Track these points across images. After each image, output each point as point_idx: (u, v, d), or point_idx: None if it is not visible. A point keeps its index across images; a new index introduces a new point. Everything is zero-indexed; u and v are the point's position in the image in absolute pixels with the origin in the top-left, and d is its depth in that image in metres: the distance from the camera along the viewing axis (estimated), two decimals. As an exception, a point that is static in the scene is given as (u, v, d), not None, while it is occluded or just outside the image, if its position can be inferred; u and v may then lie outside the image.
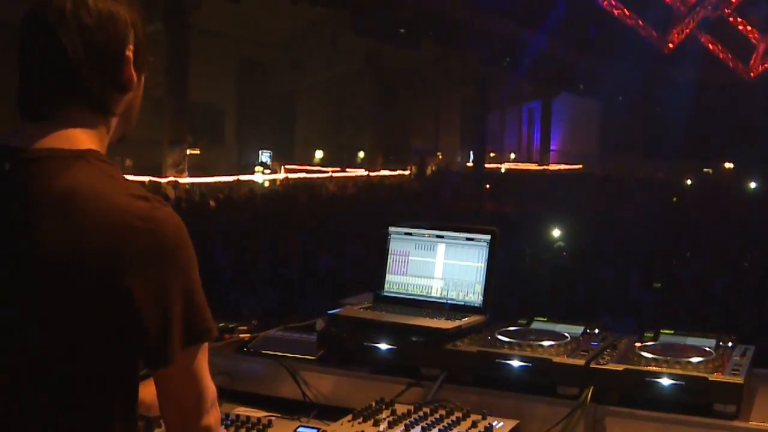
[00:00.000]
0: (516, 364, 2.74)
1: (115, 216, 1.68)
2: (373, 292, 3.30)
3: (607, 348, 2.83)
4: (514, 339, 2.87)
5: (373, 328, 2.99)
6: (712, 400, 2.49)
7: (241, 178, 27.76)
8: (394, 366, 2.93)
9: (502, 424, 2.51)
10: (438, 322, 2.95)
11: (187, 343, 1.76)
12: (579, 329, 3.03)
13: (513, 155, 52.90)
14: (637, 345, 2.82)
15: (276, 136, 36.58)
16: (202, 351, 1.83)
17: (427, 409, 2.60)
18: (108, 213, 1.68)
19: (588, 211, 21.73)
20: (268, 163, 34.01)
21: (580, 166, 46.82)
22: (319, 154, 38.78)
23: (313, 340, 3.13)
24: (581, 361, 2.67)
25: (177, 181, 23.28)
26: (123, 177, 1.79)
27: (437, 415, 2.57)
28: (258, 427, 2.64)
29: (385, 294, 3.26)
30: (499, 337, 2.89)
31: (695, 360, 2.63)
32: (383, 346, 2.95)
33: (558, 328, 3.05)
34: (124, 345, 1.72)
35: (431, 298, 3.19)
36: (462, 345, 2.86)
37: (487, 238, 3.15)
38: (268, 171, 32.02)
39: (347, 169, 35.59)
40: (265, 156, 35.04)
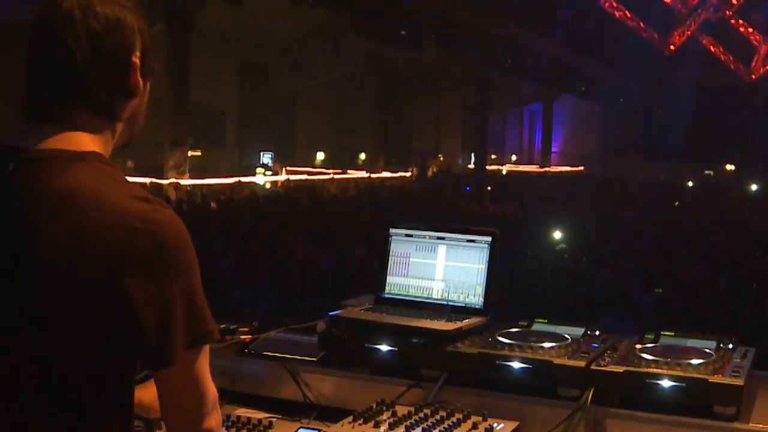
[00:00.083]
0: (517, 365, 2.74)
1: (116, 217, 1.69)
2: (373, 294, 3.30)
3: (608, 350, 2.83)
4: (514, 341, 2.87)
5: (374, 330, 3.00)
6: (713, 401, 2.50)
7: (243, 179, 27.76)
8: (394, 367, 2.93)
9: (503, 425, 2.51)
10: (439, 324, 2.95)
11: (188, 346, 1.77)
12: (579, 331, 3.03)
13: (514, 157, 52.89)
14: (638, 347, 2.82)
15: (277, 138, 36.58)
16: (203, 353, 1.83)
17: (427, 411, 2.61)
18: (109, 214, 1.69)
19: (589, 212, 21.73)
20: (270, 164, 34.00)
21: (582, 168, 46.82)
22: (320, 156, 38.77)
23: (314, 341, 3.14)
24: (582, 363, 2.67)
25: (178, 183, 23.30)
26: (125, 179, 1.80)
27: (438, 416, 2.57)
28: (259, 428, 2.64)
29: (385, 295, 3.26)
30: (500, 338, 2.90)
31: (696, 362, 2.63)
32: (384, 348, 2.95)
33: (559, 329, 3.05)
34: (123, 346, 1.72)
35: (432, 299, 3.19)
36: (463, 346, 2.86)
37: (488, 239, 3.15)
38: (269, 172, 32.02)
39: (348, 171, 35.58)
40: (266, 157, 35.04)
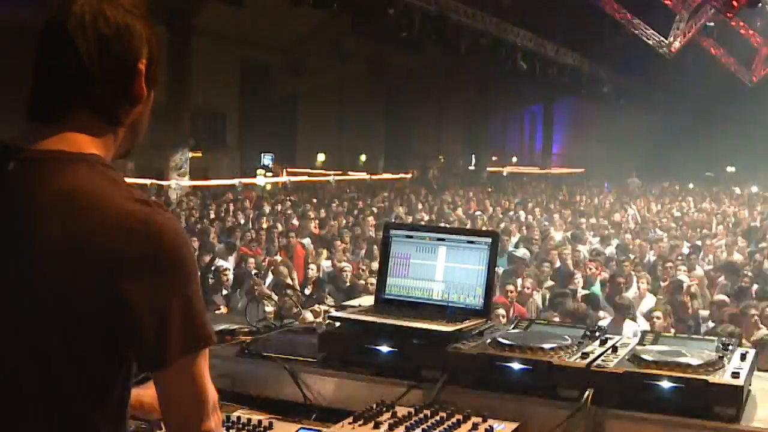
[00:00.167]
0: (517, 366, 2.75)
1: (115, 218, 1.70)
2: (374, 295, 3.31)
3: (608, 350, 2.83)
4: (514, 341, 2.87)
5: (375, 331, 3.00)
6: (713, 402, 2.50)
7: (243, 181, 27.77)
8: (395, 368, 2.94)
9: (503, 426, 2.52)
10: (439, 325, 2.96)
11: (185, 349, 1.77)
12: (580, 332, 3.04)
13: (515, 159, 52.87)
14: (638, 347, 2.83)
15: (278, 139, 36.57)
16: (201, 356, 1.83)
17: (427, 412, 2.61)
18: (108, 215, 1.70)
19: (589, 214, 21.75)
20: (270, 166, 34.01)
21: (582, 170, 46.80)
22: (320, 158, 38.77)
23: (314, 342, 3.14)
24: (582, 364, 2.68)
25: (179, 184, 23.30)
26: (124, 181, 1.80)
27: (438, 417, 2.57)
28: (259, 429, 2.64)
29: (386, 296, 3.26)
30: (500, 339, 2.90)
31: (696, 363, 2.63)
32: (384, 349, 2.96)
33: (559, 330, 3.06)
34: (120, 347, 1.73)
35: (432, 300, 3.20)
36: (463, 347, 2.87)
37: (488, 240, 3.15)
38: (270, 174, 32.02)
39: (349, 173, 35.57)
40: (267, 159, 35.04)
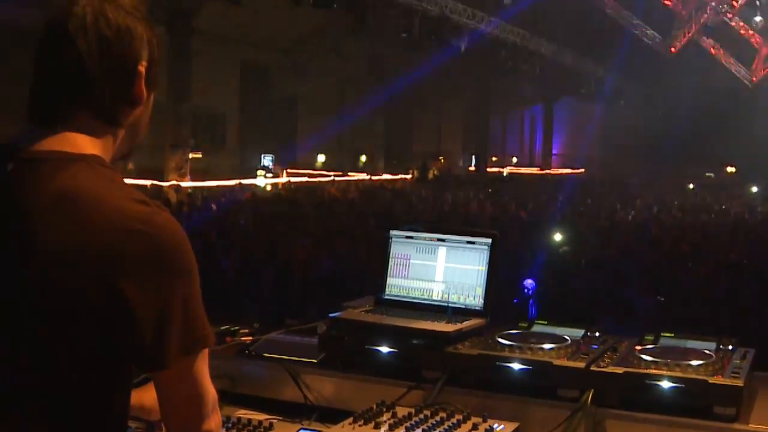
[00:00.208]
0: (517, 366, 2.75)
1: (114, 219, 1.70)
2: (374, 296, 3.31)
3: (608, 351, 2.84)
4: (514, 342, 2.87)
5: (375, 331, 3.01)
6: (712, 402, 2.50)
7: (244, 182, 27.79)
8: (395, 369, 2.94)
9: (503, 426, 2.52)
10: (439, 325, 2.96)
11: (184, 350, 1.77)
12: (579, 332, 3.04)
13: (515, 159, 52.91)
14: (638, 348, 2.83)
15: (278, 140, 36.60)
16: (201, 356, 1.83)
17: (428, 412, 2.61)
18: (107, 216, 1.70)
19: (590, 214, 21.73)
20: (271, 166, 34.03)
21: (582, 171, 46.84)
22: (321, 158, 38.79)
23: (314, 343, 3.14)
24: (582, 364, 2.68)
25: (179, 185, 23.31)
26: (123, 181, 1.81)
27: (438, 417, 2.58)
28: (259, 429, 2.65)
29: (386, 297, 3.27)
30: (500, 340, 2.90)
31: (695, 363, 2.63)
32: (384, 349, 2.96)
33: (558, 331, 3.06)
34: (119, 348, 1.73)
35: (432, 301, 3.20)
36: (463, 348, 2.87)
37: (488, 241, 3.16)
38: (270, 175, 32.04)
39: (349, 173, 35.59)
40: (267, 160, 35.08)
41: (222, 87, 32.38)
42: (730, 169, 45.14)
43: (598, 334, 3.03)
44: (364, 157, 40.39)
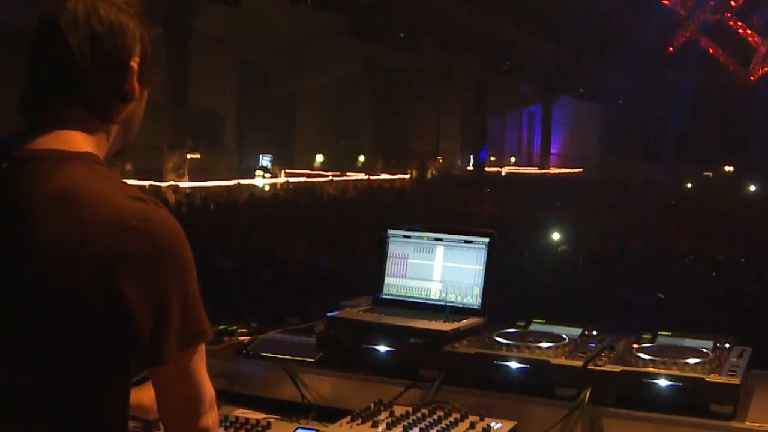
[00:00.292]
0: (514, 365, 2.75)
1: (112, 216, 1.70)
2: (372, 295, 3.31)
3: (605, 349, 2.84)
4: (512, 341, 2.87)
5: (372, 331, 3.01)
6: (709, 400, 2.50)
7: (242, 182, 27.78)
8: (392, 368, 2.94)
9: (500, 425, 2.52)
10: (436, 325, 2.96)
11: (182, 346, 1.77)
12: (577, 331, 3.04)
13: (513, 159, 52.91)
14: (635, 346, 2.83)
15: (276, 140, 36.61)
16: (198, 353, 1.84)
17: (425, 411, 2.61)
18: (104, 213, 1.70)
19: (588, 214, 21.74)
20: (269, 167, 34.03)
21: (581, 170, 46.84)
22: (319, 158, 38.78)
23: (312, 342, 3.15)
24: (579, 363, 2.68)
25: (177, 186, 23.30)
26: (120, 179, 1.81)
27: (435, 416, 2.58)
28: (257, 428, 2.65)
29: (384, 296, 3.27)
30: (498, 338, 2.90)
31: (692, 361, 2.64)
32: (382, 348, 2.96)
33: (556, 329, 3.06)
34: (118, 344, 1.73)
35: (430, 300, 3.20)
36: (460, 347, 2.87)
37: (486, 240, 3.16)
38: (269, 175, 32.03)
39: (347, 173, 35.57)
40: (265, 160, 35.08)
41: (220, 87, 32.39)
42: (728, 168, 45.14)
43: (595, 333, 3.03)
44: (362, 157, 40.37)
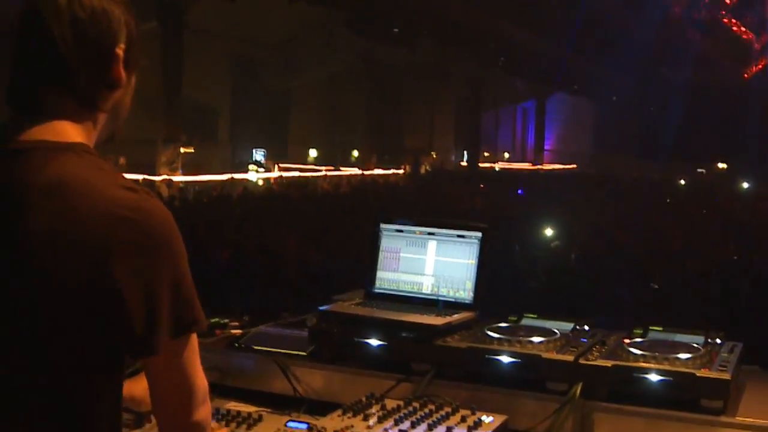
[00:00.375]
0: (506, 359, 2.76)
1: (103, 206, 1.70)
2: (364, 289, 3.31)
3: (596, 344, 2.85)
4: (504, 335, 2.88)
5: (364, 324, 3.01)
6: (700, 395, 2.52)
7: (235, 176, 27.73)
8: (384, 362, 2.95)
9: (492, 419, 2.53)
10: (428, 319, 2.97)
11: (175, 334, 1.77)
12: (569, 326, 3.05)
13: (507, 155, 52.89)
14: (626, 341, 2.83)
15: (270, 135, 36.55)
16: (191, 344, 1.83)
17: (416, 404, 2.62)
18: (96, 203, 1.69)
19: (581, 210, 21.74)
20: (262, 161, 33.98)
21: (574, 166, 46.86)
22: (312, 153, 38.75)
23: (304, 335, 3.15)
24: (570, 357, 2.69)
25: (171, 180, 23.26)
26: (112, 169, 1.80)
27: (427, 409, 2.58)
28: (248, 421, 2.64)
29: (376, 290, 3.28)
30: (489, 333, 2.91)
31: (683, 356, 2.65)
32: (374, 342, 2.97)
33: (548, 324, 3.07)
34: (110, 335, 1.72)
35: (422, 294, 3.21)
36: (452, 341, 2.88)
37: (478, 235, 3.16)
38: (262, 169, 31.98)
39: (341, 168, 35.55)
40: (259, 154, 35.03)
41: (214, 82, 32.30)
42: (722, 165, 45.21)
43: (587, 328, 3.04)
44: (356, 153, 40.35)
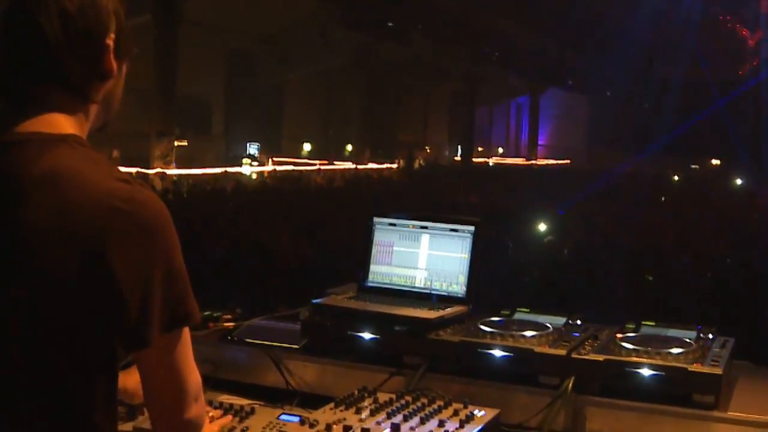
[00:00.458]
0: (498, 353, 2.76)
1: (97, 198, 1.69)
2: (357, 283, 3.32)
3: (589, 338, 2.85)
4: (496, 329, 2.89)
5: (357, 318, 3.01)
6: (692, 390, 2.52)
7: (229, 170, 27.71)
8: (377, 355, 2.95)
9: (484, 412, 2.53)
10: (421, 312, 2.97)
11: (168, 327, 1.77)
12: (561, 320, 3.06)
13: (501, 150, 52.92)
14: (618, 336, 2.84)
15: (264, 129, 36.52)
16: (184, 340, 1.83)
17: (409, 398, 2.62)
18: (89, 195, 1.69)
19: (575, 205, 21.73)
20: (256, 155, 33.97)
21: (568, 161, 46.89)
22: (306, 147, 38.74)
23: (297, 329, 3.15)
24: (563, 352, 2.69)
25: (164, 173, 23.23)
26: (105, 160, 1.80)
27: (419, 403, 2.58)
28: (241, 414, 2.64)
29: (369, 284, 3.28)
30: (482, 327, 2.92)
31: (675, 351, 2.65)
32: (366, 336, 2.97)
33: (540, 318, 3.07)
34: (104, 326, 1.72)
35: (415, 288, 3.21)
36: (445, 335, 2.88)
37: (471, 229, 3.16)
38: (256, 163, 31.96)
39: (335, 162, 35.54)
40: (252, 148, 35.02)
41: (208, 75, 32.26)
42: (715, 161, 45.25)
43: (579, 322, 3.04)
44: (350, 147, 40.35)
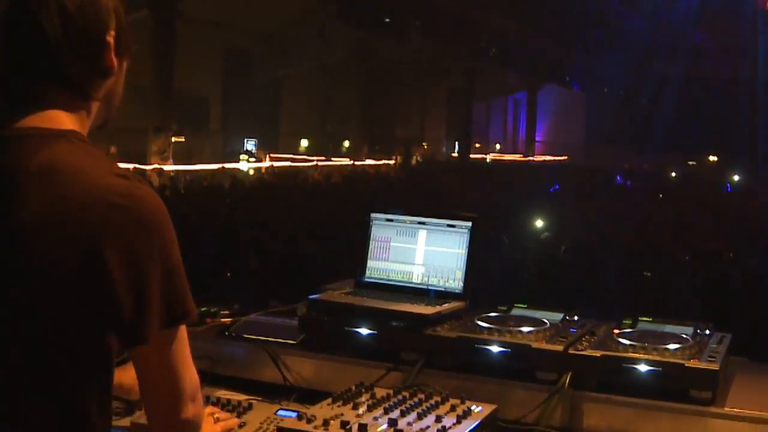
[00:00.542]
0: (495, 349, 2.76)
1: (95, 193, 1.69)
2: (354, 278, 3.32)
3: (586, 334, 2.86)
4: (493, 325, 2.89)
5: (354, 313, 3.02)
6: (689, 386, 2.52)
7: (226, 166, 27.69)
8: (374, 351, 2.95)
9: (481, 408, 2.53)
10: (418, 308, 2.97)
11: (165, 323, 1.76)
12: (558, 316, 3.06)
13: (498, 146, 52.90)
14: (616, 332, 2.84)
15: (261, 125, 36.50)
16: (181, 337, 1.83)
17: (406, 393, 2.62)
18: (87, 190, 1.69)
19: (572, 202, 21.74)
20: (254, 151, 33.94)
21: (565, 158, 46.88)
22: (304, 143, 38.72)
23: (294, 324, 3.15)
24: (560, 347, 2.70)
25: (162, 169, 23.21)
26: (104, 156, 1.80)
27: (416, 398, 2.58)
28: (238, 409, 2.65)
29: (366, 280, 3.28)
30: (479, 322, 2.92)
31: (672, 347, 2.65)
32: (364, 331, 2.97)
33: (538, 314, 3.07)
34: (101, 322, 1.71)
35: (412, 283, 3.21)
36: (442, 330, 2.88)
37: (468, 224, 3.17)
38: (253, 159, 31.93)
39: (332, 158, 35.53)
40: (250, 144, 35.00)
41: (205, 71, 32.23)
42: (712, 158, 45.28)
43: (576, 318, 3.05)
44: (347, 143, 40.34)
